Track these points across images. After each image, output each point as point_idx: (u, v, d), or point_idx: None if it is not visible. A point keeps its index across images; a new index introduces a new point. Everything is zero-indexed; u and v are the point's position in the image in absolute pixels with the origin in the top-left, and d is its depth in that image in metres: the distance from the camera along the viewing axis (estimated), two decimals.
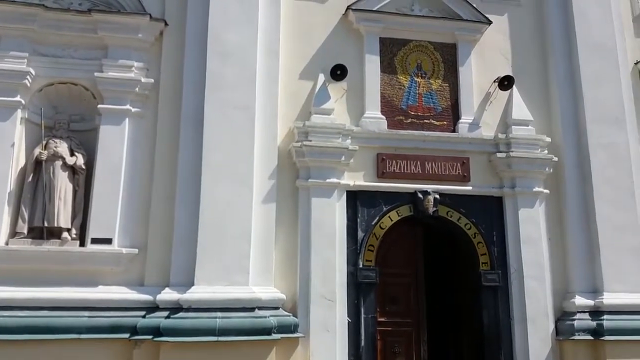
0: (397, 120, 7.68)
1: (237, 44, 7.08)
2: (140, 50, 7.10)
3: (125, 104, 6.88)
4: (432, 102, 7.89)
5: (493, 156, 7.66)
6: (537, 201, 7.62)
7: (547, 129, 8.01)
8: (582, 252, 7.53)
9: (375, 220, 7.26)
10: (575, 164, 7.81)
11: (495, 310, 7.32)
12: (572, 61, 8.11)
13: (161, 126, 6.97)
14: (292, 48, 7.53)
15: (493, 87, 8.00)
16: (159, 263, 6.58)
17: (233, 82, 6.95)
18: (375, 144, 7.45)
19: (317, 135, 7.08)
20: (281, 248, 6.92)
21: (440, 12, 8.03)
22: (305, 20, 7.70)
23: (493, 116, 7.95)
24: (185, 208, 6.62)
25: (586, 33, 8.11)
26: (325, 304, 6.75)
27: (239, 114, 6.89)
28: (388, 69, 7.81)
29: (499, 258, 7.45)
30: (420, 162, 7.49)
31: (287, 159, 7.19)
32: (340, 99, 7.54)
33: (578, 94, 7.96)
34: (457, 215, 7.51)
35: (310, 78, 7.48)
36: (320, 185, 7.06)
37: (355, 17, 7.69)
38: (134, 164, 6.80)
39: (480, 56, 8.10)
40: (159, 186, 6.79)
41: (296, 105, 7.39)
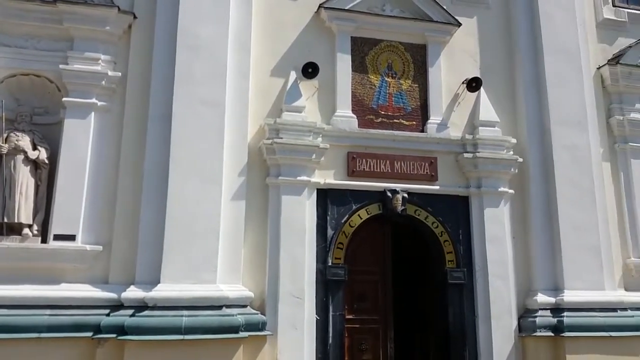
0: (368, 120, 7.73)
1: (207, 39, 6.99)
2: (108, 43, 6.94)
3: (91, 98, 6.72)
4: (402, 102, 7.96)
5: (460, 156, 7.78)
6: (502, 201, 7.78)
7: (513, 130, 8.18)
8: (545, 251, 7.72)
9: (344, 218, 7.29)
10: (539, 165, 8.00)
11: (461, 307, 7.45)
12: (537, 64, 8.30)
13: (128, 121, 6.83)
14: (264, 44, 7.49)
15: (461, 88, 8.12)
16: (124, 260, 6.46)
17: (203, 78, 6.86)
18: (345, 143, 7.48)
19: (288, 132, 7.07)
20: (250, 246, 6.88)
21: (411, 13, 8.10)
22: (277, 17, 7.66)
23: (461, 117, 8.08)
24: (152, 205, 6.51)
25: (551, 37, 8.31)
26: (294, 302, 6.74)
27: (208, 110, 6.81)
28: (359, 68, 7.85)
29: (464, 256, 7.59)
30: (389, 161, 7.56)
31: (258, 156, 7.15)
32: (312, 97, 7.54)
33: (543, 97, 8.16)
34: (424, 214, 7.61)
35: (281, 75, 7.46)
36: (291, 183, 7.04)
37: (327, 15, 7.70)
38: (99, 159, 6.65)
39: (450, 57, 8.22)
40: (124, 182, 6.66)
41: (267, 102, 7.36)
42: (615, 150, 8.49)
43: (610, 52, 8.86)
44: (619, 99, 8.63)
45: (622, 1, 9.34)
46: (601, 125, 8.45)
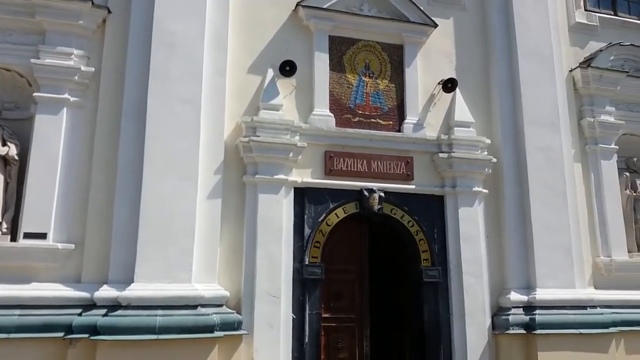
0: (345, 119, 7.74)
1: (183, 36, 6.90)
2: (81, 38, 6.79)
3: (63, 93, 6.58)
4: (379, 101, 8.00)
5: (435, 156, 7.85)
6: (476, 200, 7.87)
7: (488, 130, 8.29)
8: (518, 250, 7.84)
9: (322, 217, 7.29)
10: (513, 165, 8.12)
11: (436, 305, 7.52)
12: (512, 66, 8.42)
13: (101, 117, 6.70)
14: (241, 42, 7.43)
15: (437, 89, 8.20)
16: (97, 259, 6.34)
17: (178, 75, 6.78)
18: (323, 142, 7.47)
19: (266, 130, 7.03)
20: (226, 245, 6.82)
21: (388, 14, 8.14)
22: (254, 14, 7.61)
23: (437, 117, 8.15)
24: (126, 202, 6.40)
25: (526, 40, 8.44)
26: (270, 301, 6.71)
27: (184, 107, 6.72)
28: (337, 67, 7.86)
29: (439, 255, 7.66)
30: (366, 161, 7.59)
31: (234, 155, 7.10)
32: (289, 95, 7.52)
33: (517, 98, 8.28)
34: (400, 213, 7.66)
35: (259, 73, 7.41)
36: (268, 181, 7.01)
37: (305, 13, 7.69)
38: (72, 156, 6.51)
39: (426, 58, 8.28)
40: (98, 179, 6.53)
41: (244, 100, 7.30)
42: (586, 151, 8.68)
43: (582, 55, 9.06)
44: (590, 101, 8.82)
45: (594, 5, 9.57)
46: (573, 126, 8.64)
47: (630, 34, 9.46)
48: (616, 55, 9.06)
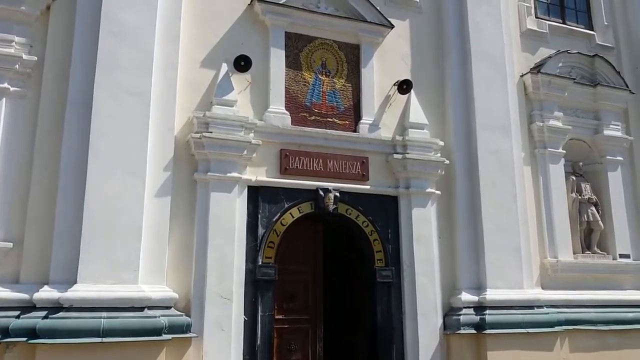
0: (301, 117, 7.65)
1: (133, 25, 6.63)
2: (23, 24, 6.44)
3: (2, 82, 6.22)
4: (335, 101, 7.95)
5: (390, 157, 7.87)
6: (429, 201, 7.93)
7: (441, 132, 8.38)
8: (469, 251, 7.95)
9: (276, 216, 7.16)
10: (465, 167, 8.24)
11: (389, 305, 7.53)
12: (465, 69, 8.54)
13: (44, 109, 6.36)
14: (194, 34, 7.22)
15: (393, 90, 8.22)
16: (37, 258, 6.01)
17: (127, 66, 6.50)
18: (278, 140, 7.36)
19: (219, 127, 6.84)
20: (175, 244, 6.59)
21: (345, 12, 8.10)
22: (208, 6, 7.40)
23: (392, 118, 8.17)
24: (69, 199, 6.09)
25: (479, 44, 8.59)
26: (221, 303, 6.53)
27: (132, 99, 6.45)
28: (293, 64, 7.76)
29: (393, 255, 7.67)
30: (322, 160, 7.51)
31: (185, 151, 6.88)
32: (244, 91, 7.35)
33: (470, 101, 8.41)
34: (355, 213, 7.63)
35: (212, 67, 7.21)
36: (220, 179, 6.82)
37: (261, 8, 7.54)
38: (11, 149, 6.15)
39: (382, 59, 8.30)
40: (39, 174, 6.19)
41: (196, 94, 7.08)
42: (535, 155, 8.91)
43: (532, 61, 9.32)
44: (539, 106, 9.07)
45: (544, 13, 9.88)
46: (523, 130, 8.86)
47: (577, 42, 9.82)
48: (564, 62, 9.37)
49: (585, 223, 9.06)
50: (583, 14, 10.27)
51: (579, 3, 10.30)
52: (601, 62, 9.61)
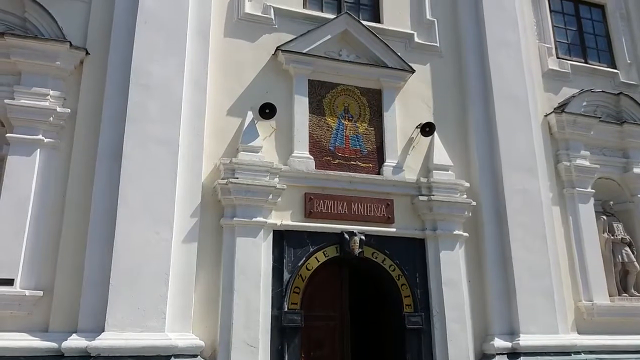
0: (325, 161, 7.71)
1: (161, 77, 6.88)
2: (58, 78, 6.72)
3: (37, 134, 6.44)
4: (358, 144, 8.01)
5: (415, 199, 7.83)
6: (457, 244, 7.80)
7: (466, 174, 8.33)
8: (500, 295, 7.75)
9: (301, 261, 7.12)
10: (492, 208, 8.12)
11: (419, 353, 7.30)
12: (488, 111, 8.57)
13: (76, 159, 6.56)
14: (221, 84, 7.44)
15: (415, 132, 8.26)
16: (66, 307, 6.06)
17: (156, 116, 6.71)
18: (303, 184, 7.40)
19: (245, 172, 6.93)
20: (202, 291, 6.59)
21: (366, 59, 8.26)
22: (234, 57, 7.66)
23: (416, 160, 8.18)
24: (98, 246, 6.19)
25: (501, 85, 8.63)
26: (247, 351, 6.43)
27: (161, 148, 6.62)
28: (317, 110, 7.89)
29: (422, 300, 7.51)
30: (346, 203, 7.51)
31: (212, 197, 6.96)
32: (269, 137, 7.48)
33: (494, 142, 8.38)
34: (382, 257, 7.54)
35: (238, 115, 7.38)
36: (246, 224, 6.85)
37: (284, 58, 7.75)
38: (43, 198, 6.31)
39: (404, 102, 8.38)
40: (69, 222, 6.32)
41: (223, 141, 7.23)
42: (564, 195, 8.75)
43: (555, 100, 9.29)
44: (565, 146, 8.98)
45: (565, 53, 9.91)
46: (550, 170, 8.75)
47: (601, 81, 9.78)
48: (588, 101, 9.31)
49: (619, 264, 8.77)
50: (605, 52, 10.28)
51: (600, 42, 10.33)
52: (626, 100, 9.53)
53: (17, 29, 6.71)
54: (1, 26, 6.70)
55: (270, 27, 7.97)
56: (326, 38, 8.00)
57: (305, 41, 7.87)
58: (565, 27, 10.15)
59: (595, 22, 10.49)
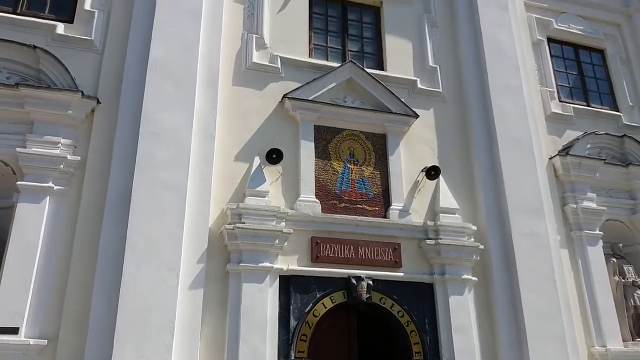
0: (331, 204, 7.73)
1: (171, 124, 7.00)
2: (69, 127, 6.85)
3: (47, 182, 6.52)
4: (364, 188, 8.05)
5: (423, 243, 7.79)
6: (466, 289, 7.70)
7: (473, 217, 8.31)
8: (511, 341, 7.59)
9: (308, 307, 7.04)
10: (500, 252, 8.05)
11: None
12: (493, 154, 8.61)
13: (85, 206, 6.61)
14: (229, 131, 7.57)
15: (421, 176, 8.30)
16: (71, 356, 5.99)
17: (165, 162, 6.79)
18: (309, 228, 7.40)
19: (251, 217, 6.96)
20: (207, 339, 6.50)
21: (371, 105, 8.41)
22: (242, 105, 7.82)
23: (422, 204, 8.18)
24: (104, 294, 6.15)
25: (505, 129, 8.72)
26: None
27: (169, 194, 6.67)
28: (323, 154, 7.97)
29: (431, 347, 7.36)
30: (353, 247, 7.48)
31: (218, 242, 6.96)
32: (276, 181, 7.54)
33: (500, 185, 8.39)
34: (390, 302, 7.44)
35: (246, 160, 7.48)
36: (253, 269, 6.82)
37: (291, 105, 7.91)
38: (51, 245, 6.33)
39: (409, 146, 8.46)
40: (76, 270, 6.32)
41: (230, 187, 7.30)
42: (571, 237, 8.69)
43: (560, 143, 9.35)
44: (571, 188, 8.97)
45: (567, 97, 10.05)
46: (557, 213, 8.72)
47: (604, 123, 9.87)
48: (592, 144, 9.37)
49: (632, 308, 8.61)
50: (607, 95, 10.41)
51: (601, 86, 10.48)
52: (630, 142, 9.59)
53: (31, 79, 6.89)
54: (16, 77, 6.88)
55: (277, 76, 8.17)
56: (331, 85, 8.17)
57: (311, 89, 8.04)
58: (566, 71, 10.33)
59: (596, 66, 10.68)
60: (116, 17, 7.62)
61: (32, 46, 6.92)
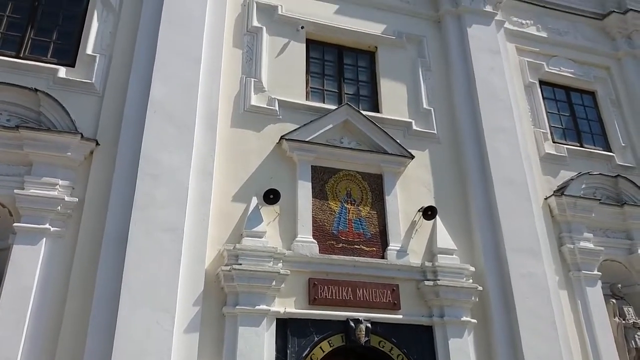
0: (329, 245, 7.70)
1: (170, 166, 7.04)
2: (68, 168, 6.86)
3: (44, 223, 6.49)
4: (361, 228, 8.04)
5: (421, 284, 7.73)
6: (465, 331, 7.60)
7: (470, 258, 8.27)
8: None
9: (306, 351, 6.90)
10: (499, 293, 7.98)
11: None
12: (488, 194, 8.65)
13: (81, 247, 6.56)
14: (227, 171, 7.61)
15: (418, 216, 8.31)
16: None
17: (162, 203, 6.79)
18: (307, 269, 7.35)
19: (248, 258, 6.91)
20: None
21: (367, 146, 8.50)
22: (241, 146, 7.90)
23: (419, 244, 8.16)
24: (99, 337, 6.03)
25: (499, 169, 8.79)
26: None
27: (166, 235, 6.64)
28: (320, 195, 8.00)
29: None
30: (351, 288, 7.41)
31: (215, 284, 6.89)
32: (273, 222, 7.53)
33: (496, 225, 8.40)
34: (389, 346, 7.31)
35: (243, 201, 7.49)
36: (249, 312, 6.72)
37: (288, 146, 7.99)
38: (46, 287, 6.25)
39: (405, 187, 8.50)
40: (71, 312, 6.22)
41: (227, 227, 7.28)
42: (570, 278, 8.64)
43: (555, 183, 9.43)
44: (568, 228, 8.99)
45: (561, 138, 10.20)
46: (554, 253, 8.70)
47: (597, 163, 9.98)
48: (587, 184, 9.44)
49: (634, 350, 8.48)
50: (599, 136, 10.57)
51: (593, 127, 10.64)
52: (625, 182, 9.67)
53: (32, 122, 6.95)
54: (16, 119, 6.95)
55: (275, 118, 8.29)
56: (328, 127, 8.29)
57: (308, 130, 8.15)
58: (558, 113, 10.52)
59: (587, 107, 10.88)
60: (117, 61, 7.77)
61: (34, 89, 7.03)
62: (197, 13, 8.21)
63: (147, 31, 7.91)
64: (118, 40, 7.91)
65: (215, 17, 8.42)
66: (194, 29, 8.07)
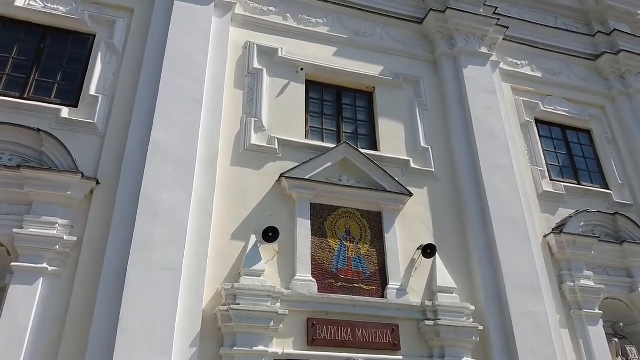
0: (328, 284, 7.65)
1: (169, 205, 7.07)
2: (67, 207, 6.89)
3: (42, 262, 6.47)
4: (361, 266, 8.01)
5: (422, 324, 7.64)
6: None
7: (471, 297, 8.20)
8: None
9: None
10: (500, 332, 7.88)
11: None
12: (487, 232, 8.65)
13: (78, 287, 6.52)
14: (226, 209, 7.64)
15: (417, 254, 8.29)
16: None
17: (161, 242, 6.79)
18: (305, 308, 7.27)
19: (246, 298, 6.84)
20: None
21: (366, 184, 8.55)
22: (240, 184, 7.94)
23: (419, 282, 8.10)
24: None
25: (498, 207, 8.82)
26: None
27: (164, 275, 6.61)
28: (319, 232, 8.00)
29: None
30: (350, 329, 7.31)
31: (212, 324, 6.81)
32: (272, 260, 7.50)
33: (496, 264, 8.36)
34: None
35: (242, 239, 7.48)
36: (247, 354, 6.61)
37: (288, 184, 8.04)
38: (42, 328, 6.18)
39: (404, 224, 8.50)
40: (66, 353, 6.12)
41: (226, 266, 7.25)
42: (571, 316, 8.56)
43: (553, 221, 9.43)
44: (567, 266, 8.95)
45: (558, 176, 10.26)
46: (555, 291, 8.64)
47: (595, 201, 10.00)
48: (586, 221, 9.45)
49: None
50: (596, 174, 10.64)
51: (590, 165, 10.73)
52: (623, 220, 9.69)
53: (33, 161, 7.02)
54: (18, 159, 7.02)
55: (274, 156, 8.37)
56: (327, 165, 8.36)
57: (308, 168, 8.22)
58: (555, 151, 10.62)
59: (584, 145, 10.99)
60: (120, 101, 7.90)
61: (36, 129, 7.12)
62: (199, 56, 8.41)
63: (150, 73, 8.08)
64: (121, 81, 8.08)
65: (217, 60, 8.63)
66: (195, 71, 8.25)
